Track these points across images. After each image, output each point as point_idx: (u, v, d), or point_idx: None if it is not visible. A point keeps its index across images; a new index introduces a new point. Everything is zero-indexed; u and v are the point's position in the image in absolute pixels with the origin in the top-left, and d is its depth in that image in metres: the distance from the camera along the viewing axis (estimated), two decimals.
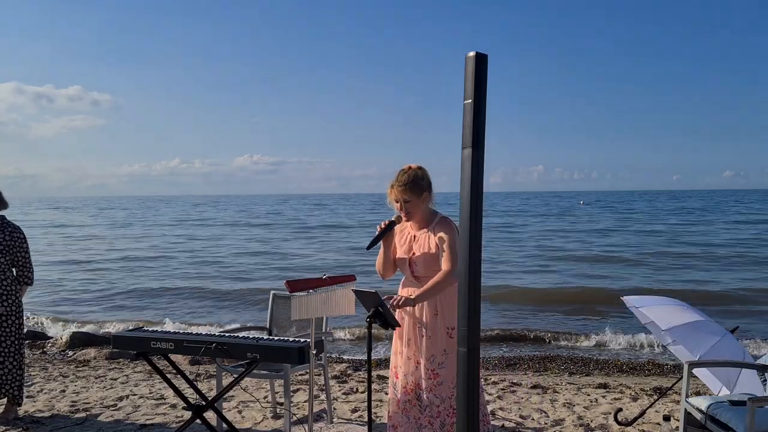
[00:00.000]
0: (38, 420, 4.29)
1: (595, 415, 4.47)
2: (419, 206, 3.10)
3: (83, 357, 7.11)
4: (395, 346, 3.24)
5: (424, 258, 3.08)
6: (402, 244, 3.20)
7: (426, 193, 3.10)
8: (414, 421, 3.11)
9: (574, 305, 11.05)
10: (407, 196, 3.05)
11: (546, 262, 17.91)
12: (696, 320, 3.68)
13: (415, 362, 3.12)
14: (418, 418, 3.11)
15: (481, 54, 1.63)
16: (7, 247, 4.14)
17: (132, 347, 3.33)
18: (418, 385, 3.10)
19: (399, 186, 3.06)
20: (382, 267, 3.27)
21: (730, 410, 3.15)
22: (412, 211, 3.10)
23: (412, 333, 3.12)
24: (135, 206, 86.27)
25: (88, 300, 12.61)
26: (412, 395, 3.12)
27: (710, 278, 14.23)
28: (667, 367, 6.72)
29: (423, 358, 3.08)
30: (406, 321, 3.14)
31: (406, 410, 3.14)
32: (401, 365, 3.18)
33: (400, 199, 3.08)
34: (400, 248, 3.20)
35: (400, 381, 3.18)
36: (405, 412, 3.14)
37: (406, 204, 3.08)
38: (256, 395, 4.96)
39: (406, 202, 3.07)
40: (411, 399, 3.12)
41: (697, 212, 46.19)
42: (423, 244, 3.10)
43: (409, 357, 3.13)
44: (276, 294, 4.49)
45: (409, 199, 3.07)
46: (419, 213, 3.13)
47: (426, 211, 3.16)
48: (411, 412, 3.12)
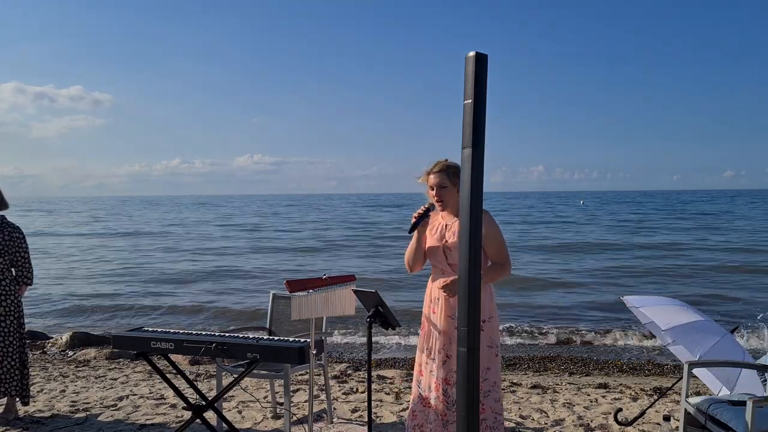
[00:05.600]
0: (38, 420, 4.29)
1: (595, 415, 4.47)
2: (453, 195, 3.12)
3: (83, 357, 7.11)
4: (420, 343, 3.22)
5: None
6: (433, 234, 3.18)
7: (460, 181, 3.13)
8: (440, 418, 3.08)
9: (574, 305, 11.07)
10: (443, 181, 3.09)
11: (546, 260, 17.94)
12: (696, 320, 3.68)
13: (445, 355, 3.08)
14: (445, 414, 3.07)
15: (481, 54, 1.63)
16: (6, 246, 4.13)
17: (132, 347, 3.33)
18: (446, 380, 3.07)
19: (436, 170, 3.11)
20: (412, 258, 3.21)
21: (730, 410, 3.14)
22: (446, 199, 3.12)
23: (445, 325, 3.09)
24: (136, 207, 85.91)
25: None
26: (440, 391, 3.09)
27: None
28: (667, 367, 6.72)
29: (455, 350, 3.07)
30: (438, 314, 3.12)
31: (434, 407, 3.11)
32: (427, 361, 3.16)
33: (435, 185, 3.11)
34: (431, 237, 3.18)
35: (425, 378, 3.16)
36: (431, 408, 3.12)
37: (441, 190, 3.10)
38: (256, 395, 4.96)
39: (442, 188, 3.10)
40: (439, 395, 3.09)
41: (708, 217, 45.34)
42: (457, 231, 3.09)
43: (438, 351, 3.10)
44: (276, 294, 4.48)
45: (444, 185, 3.10)
46: (453, 202, 3.14)
47: (458, 201, 3.17)
48: (438, 409, 3.09)
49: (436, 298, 3.14)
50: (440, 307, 3.11)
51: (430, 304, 3.18)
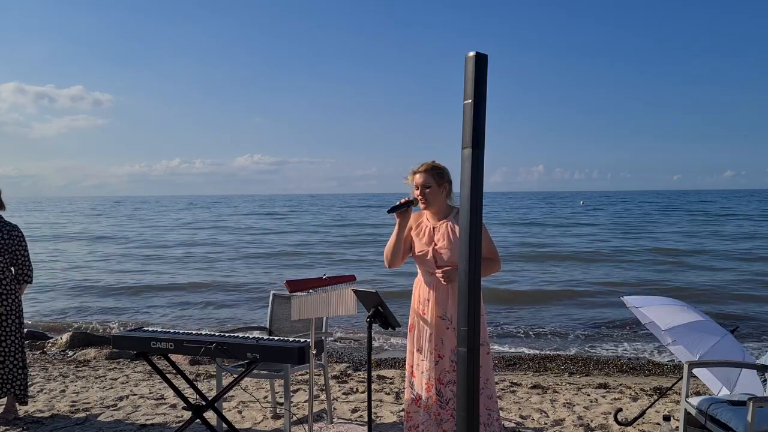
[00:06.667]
0: (38, 420, 4.29)
1: (595, 415, 4.47)
2: (438, 195, 3.13)
3: (83, 357, 7.10)
4: (410, 345, 3.22)
5: (450, 247, 3.06)
6: (421, 238, 3.17)
7: (446, 183, 3.16)
8: (434, 418, 3.09)
9: (574, 305, 11.05)
10: (428, 181, 3.11)
11: (546, 261, 17.93)
12: (696, 320, 3.68)
13: (437, 356, 3.10)
14: (438, 413, 3.09)
15: (481, 54, 1.63)
16: (6, 246, 4.14)
17: (132, 347, 3.33)
18: (439, 379, 3.09)
19: (421, 170, 3.13)
20: (391, 252, 3.17)
21: (730, 410, 3.15)
22: (431, 199, 3.12)
23: (434, 326, 3.10)
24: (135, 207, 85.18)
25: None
26: (432, 391, 3.10)
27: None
28: (667, 367, 6.72)
29: (447, 350, 3.09)
30: (428, 315, 3.13)
31: (427, 407, 3.12)
32: (418, 363, 3.17)
33: (420, 185, 3.12)
34: (418, 242, 3.17)
35: (417, 379, 3.16)
36: (425, 408, 3.13)
37: (426, 190, 3.11)
38: (256, 395, 4.96)
39: (427, 188, 3.11)
40: (431, 395, 3.10)
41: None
42: (445, 233, 3.10)
43: (430, 351, 3.11)
44: (276, 294, 4.48)
45: (429, 185, 3.11)
46: (437, 203, 3.15)
47: (444, 203, 3.19)
48: (431, 408, 3.11)
49: (425, 299, 3.15)
50: (430, 308, 3.12)
51: (420, 304, 3.18)
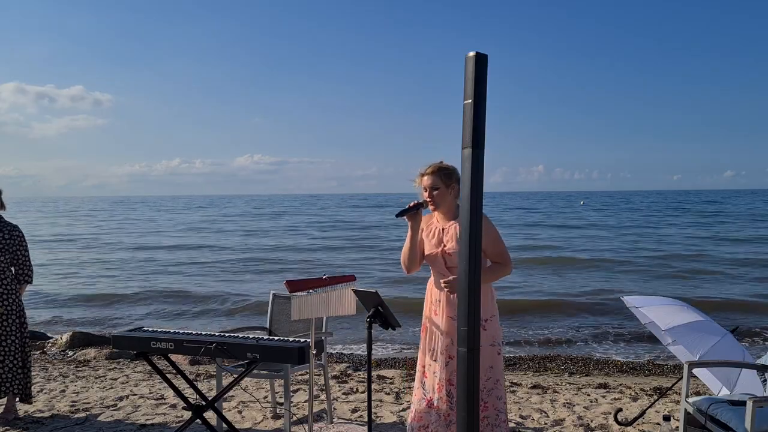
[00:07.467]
0: (38, 420, 4.29)
1: (595, 415, 4.47)
2: (446, 196, 3.11)
3: (83, 357, 7.10)
4: (422, 345, 3.21)
5: (458, 248, 3.06)
6: (430, 239, 3.16)
7: (454, 183, 3.12)
8: (444, 419, 3.08)
9: (573, 305, 11.05)
10: (436, 182, 3.09)
11: (546, 262, 17.92)
12: (696, 320, 3.68)
13: (448, 356, 3.08)
14: (448, 414, 3.07)
15: (481, 54, 1.63)
16: (6, 245, 4.14)
17: (132, 347, 3.33)
18: (449, 380, 3.07)
19: (428, 172, 3.11)
20: (407, 257, 3.17)
21: (730, 410, 3.15)
22: (439, 200, 3.11)
23: (447, 326, 3.08)
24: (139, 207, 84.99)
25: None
26: (442, 392, 3.09)
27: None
28: (667, 367, 6.72)
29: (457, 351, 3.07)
30: (440, 316, 3.11)
31: (437, 408, 3.11)
32: (430, 363, 3.16)
33: (427, 187, 3.10)
34: (428, 243, 3.17)
35: (429, 379, 3.15)
36: (435, 409, 3.12)
37: (434, 192, 3.09)
38: (256, 395, 4.96)
39: (434, 190, 3.09)
40: (442, 396, 3.08)
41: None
42: (454, 235, 3.08)
43: (441, 352, 3.10)
44: (276, 294, 4.48)
45: (437, 187, 3.09)
46: (446, 204, 3.13)
47: (452, 204, 3.16)
48: (441, 409, 3.09)
49: (437, 300, 3.14)
50: (442, 309, 3.11)
51: (432, 305, 3.18)
